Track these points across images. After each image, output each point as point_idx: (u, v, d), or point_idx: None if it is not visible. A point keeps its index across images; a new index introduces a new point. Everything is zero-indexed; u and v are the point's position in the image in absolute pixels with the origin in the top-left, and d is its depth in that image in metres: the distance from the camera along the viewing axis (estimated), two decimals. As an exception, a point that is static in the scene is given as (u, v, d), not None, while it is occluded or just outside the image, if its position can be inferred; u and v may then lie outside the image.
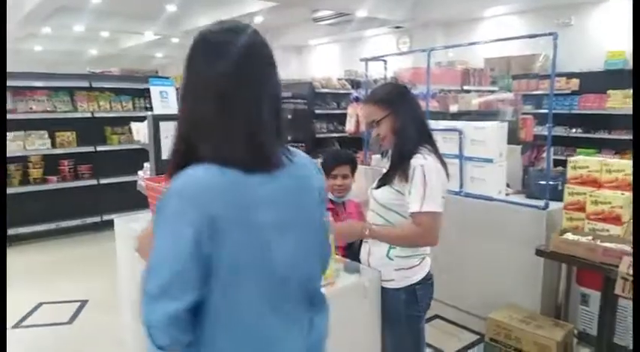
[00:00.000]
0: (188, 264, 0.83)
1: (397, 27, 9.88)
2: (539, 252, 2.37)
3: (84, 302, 3.49)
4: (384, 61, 4.22)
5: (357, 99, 5.55)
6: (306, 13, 9.76)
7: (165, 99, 3.10)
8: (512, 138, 3.44)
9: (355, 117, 5.28)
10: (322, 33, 11.18)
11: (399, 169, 1.65)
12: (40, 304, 3.49)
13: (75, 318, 3.28)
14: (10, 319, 3.23)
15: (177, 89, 4.05)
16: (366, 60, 4.16)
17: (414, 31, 9.85)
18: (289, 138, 5.35)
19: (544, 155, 3.00)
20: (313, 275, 1.06)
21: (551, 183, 2.65)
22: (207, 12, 10.31)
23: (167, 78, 3.57)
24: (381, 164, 3.77)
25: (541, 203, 2.63)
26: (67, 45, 13.73)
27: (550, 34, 2.59)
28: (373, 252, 1.75)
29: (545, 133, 2.79)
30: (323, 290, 1.13)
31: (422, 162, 1.62)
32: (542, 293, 2.60)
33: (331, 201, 2.36)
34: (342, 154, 2.48)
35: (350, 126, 5.36)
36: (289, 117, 5.44)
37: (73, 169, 5.08)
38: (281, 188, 0.93)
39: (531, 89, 6.61)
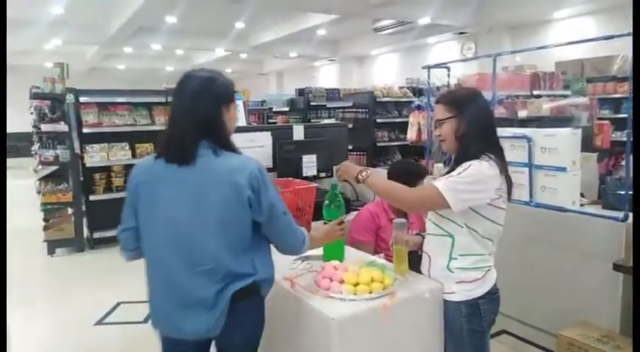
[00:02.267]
0: (126, 206, 1.52)
1: (461, 33, 9.66)
2: (618, 267, 2.21)
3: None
4: (447, 68, 4.15)
5: (418, 108, 5.48)
6: (368, 24, 9.83)
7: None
8: (588, 145, 3.24)
9: (417, 125, 5.23)
10: (383, 42, 11.19)
11: None
12: (119, 303, 3.77)
13: (149, 318, 3.50)
14: (93, 317, 3.52)
15: (245, 102, 4.26)
16: (429, 67, 4.12)
17: (479, 37, 9.57)
18: (350, 147, 5.40)
19: (623, 163, 2.80)
20: (202, 250, 1.40)
21: (630, 192, 2.47)
22: (274, 27, 10.70)
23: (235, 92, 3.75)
24: (443, 172, 3.70)
25: (620, 214, 2.46)
26: (145, 63, 14.82)
27: (629, 34, 2.44)
28: (433, 263, 1.73)
29: (624, 139, 2.60)
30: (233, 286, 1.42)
31: (475, 162, 1.58)
32: (622, 311, 2.41)
33: (397, 211, 2.35)
34: (422, 169, 2.51)
35: (411, 134, 5.31)
36: (350, 126, 5.48)
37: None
38: (181, 173, 1.39)
39: (608, 92, 6.18)
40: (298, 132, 3.39)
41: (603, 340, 2.27)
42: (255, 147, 3.10)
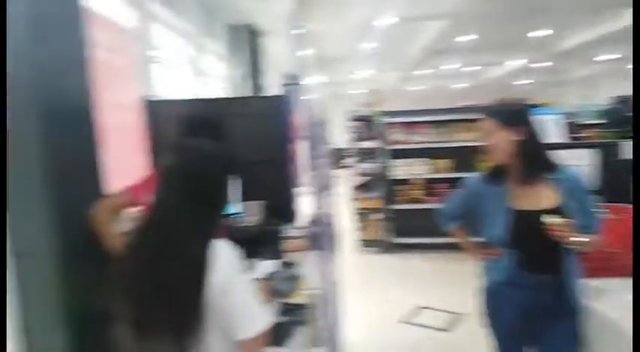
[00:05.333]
0: None
1: None
2: None
3: (460, 314, 3.72)
4: None
5: None
6: None
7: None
8: None
9: None
10: None
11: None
12: (421, 307, 3.97)
13: (453, 326, 3.57)
14: (397, 314, 3.83)
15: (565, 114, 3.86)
16: None
17: None
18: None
19: None
20: None
21: None
22: (578, 32, 9.45)
23: (537, 105, 3.48)
24: None
25: None
26: (433, 81, 15.54)
27: None
28: None
29: None
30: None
31: None
32: None
33: None
34: None
35: None
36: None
37: (448, 192, 5.62)
38: None
39: None
40: (627, 150, 2.90)
41: None
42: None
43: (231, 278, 1.11)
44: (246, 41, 7.54)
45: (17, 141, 1.33)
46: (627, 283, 1.78)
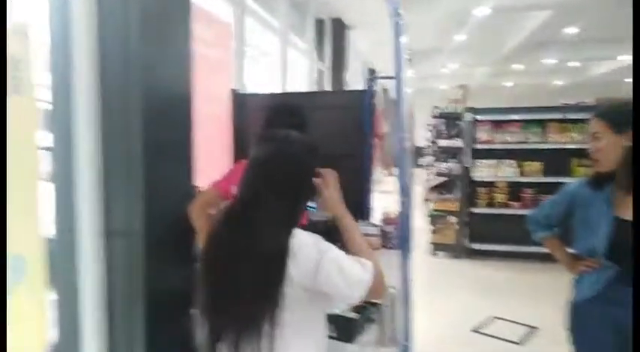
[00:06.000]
0: None
1: None
2: None
3: (534, 329, 3.56)
4: None
5: None
6: None
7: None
8: None
9: None
10: None
11: None
12: (494, 317, 3.81)
13: (526, 341, 3.40)
14: (469, 323, 3.70)
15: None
16: None
17: None
18: None
19: None
20: None
21: None
22: None
23: None
24: None
25: None
26: (533, 78, 14.50)
27: None
28: None
29: None
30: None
31: None
32: None
33: None
34: None
35: None
36: None
37: (535, 198, 5.26)
38: None
39: None
40: None
41: None
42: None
43: (320, 256, 1.10)
44: (333, 35, 7.59)
45: (120, 122, 1.44)
46: None
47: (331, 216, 1.29)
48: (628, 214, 1.58)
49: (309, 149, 1.23)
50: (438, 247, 5.75)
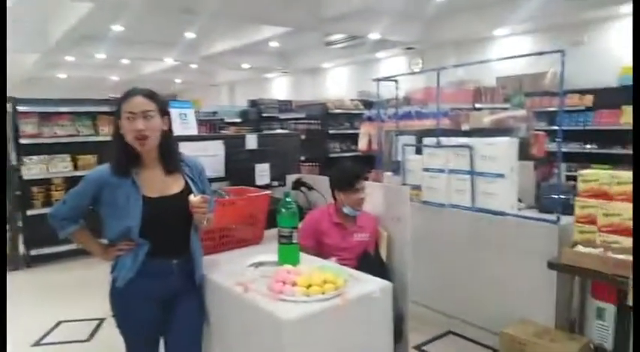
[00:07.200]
0: None
1: (409, 48, 10.03)
2: (551, 265, 2.37)
3: (102, 320, 3.55)
4: (396, 81, 4.32)
5: (369, 119, 5.63)
6: (320, 37, 9.99)
7: (185, 121, 3.23)
8: (526, 154, 3.47)
9: (367, 136, 5.37)
10: (335, 56, 11.40)
11: None
12: (60, 322, 3.56)
13: (93, 336, 3.35)
14: (30, 337, 3.31)
15: (196, 112, 4.20)
16: (378, 80, 4.26)
17: (426, 53, 9.98)
18: (303, 157, 5.43)
19: (556, 170, 3.01)
20: None
21: (562, 196, 2.66)
22: (225, 38, 10.63)
23: (187, 101, 3.71)
24: (392, 181, 3.83)
25: (553, 217, 2.64)
26: (89, 72, 14.25)
27: (558, 51, 2.64)
28: None
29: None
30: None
31: None
32: (557, 307, 2.58)
33: (344, 214, 2.41)
34: (358, 168, 2.54)
35: (362, 144, 5.44)
36: (303, 137, 5.54)
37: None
38: None
39: (544, 106, 6.64)
40: (251, 142, 3.42)
41: (540, 335, 2.42)
42: (208, 156, 3.08)
43: None
44: None
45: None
46: (243, 252, 2.17)
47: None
48: (155, 192, 1.74)
49: None
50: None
